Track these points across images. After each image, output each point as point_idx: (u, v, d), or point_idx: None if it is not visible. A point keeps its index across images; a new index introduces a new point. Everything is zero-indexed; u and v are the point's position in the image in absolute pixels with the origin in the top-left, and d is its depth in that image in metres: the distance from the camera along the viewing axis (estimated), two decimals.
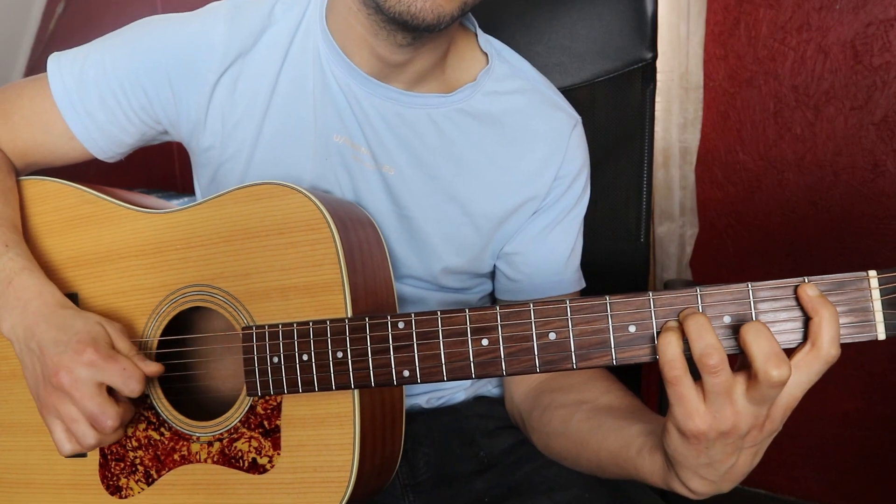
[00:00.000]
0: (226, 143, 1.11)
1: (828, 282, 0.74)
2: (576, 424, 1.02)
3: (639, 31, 1.39)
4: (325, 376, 0.90)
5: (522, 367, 0.80)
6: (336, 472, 0.93)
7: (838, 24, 1.89)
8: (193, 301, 1.02)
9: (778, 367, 0.70)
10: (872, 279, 0.73)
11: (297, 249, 0.96)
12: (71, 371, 0.93)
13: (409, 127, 1.09)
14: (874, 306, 0.72)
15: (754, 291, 0.74)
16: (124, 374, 0.94)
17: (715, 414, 0.74)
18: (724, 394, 0.73)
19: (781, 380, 0.70)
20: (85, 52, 1.12)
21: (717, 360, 0.71)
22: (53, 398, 0.96)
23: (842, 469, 2.14)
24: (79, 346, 0.94)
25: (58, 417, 0.97)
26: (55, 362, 0.94)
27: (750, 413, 0.74)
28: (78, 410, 0.95)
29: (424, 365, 0.84)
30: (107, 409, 0.95)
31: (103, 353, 0.94)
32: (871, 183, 1.92)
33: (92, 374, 0.94)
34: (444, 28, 0.98)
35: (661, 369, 0.74)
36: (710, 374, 0.72)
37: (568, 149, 1.14)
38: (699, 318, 0.73)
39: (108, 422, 0.95)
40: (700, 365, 0.72)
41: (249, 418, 0.98)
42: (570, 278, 1.18)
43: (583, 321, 0.78)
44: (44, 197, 1.13)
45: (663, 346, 0.74)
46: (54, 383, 0.94)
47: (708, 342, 0.72)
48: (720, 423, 0.74)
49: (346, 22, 1.04)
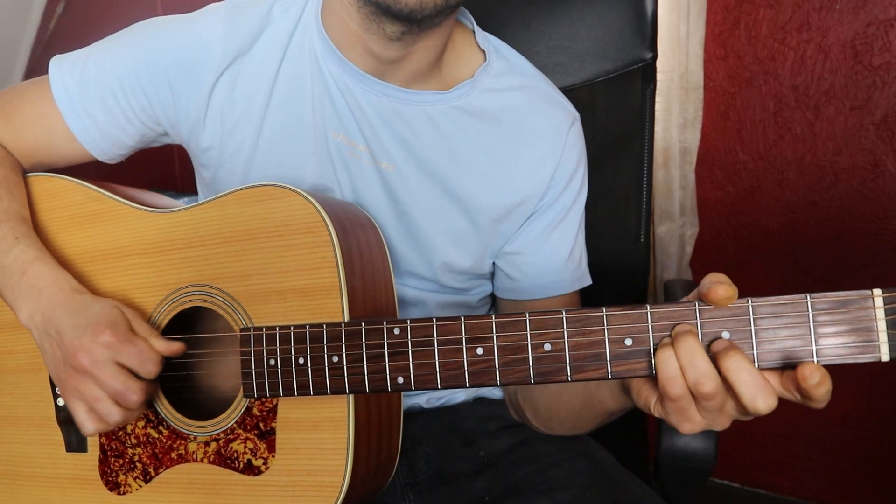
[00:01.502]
0: (225, 144, 1.11)
1: (831, 300, 0.72)
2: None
3: (639, 31, 1.39)
4: (321, 380, 0.90)
5: (517, 378, 0.80)
6: (329, 476, 0.93)
7: (838, 24, 1.89)
8: (193, 301, 1.03)
9: (766, 400, 0.71)
10: (877, 298, 0.71)
11: (295, 252, 0.96)
12: (91, 352, 0.95)
13: (406, 124, 1.09)
14: (878, 326, 0.71)
15: (754, 308, 0.74)
16: (141, 357, 0.96)
17: (708, 420, 0.76)
18: (717, 410, 0.75)
19: (769, 409, 0.72)
20: (86, 55, 1.13)
21: (712, 388, 0.72)
22: (75, 379, 0.98)
23: (842, 469, 2.14)
24: (97, 329, 0.96)
25: (80, 399, 0.98)
26: (74, 345, 0.96)
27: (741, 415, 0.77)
28: (101, 389, 0.97)
29: (419, 372, 0.84)
30: (130, 384, 0.96)
31: (121, 336, 0.96)
32: (871, 183, 1.92)
33: (110, 354, 0.95)
34: (429, 17, 0.96)
35: (660, 386, 0.75)
36: (704, 400, 0.74)
37: (565, 146, 1.14)
38: (689, 342, 0.73)
39: (133, 396, 0.97)
40: (695, 392, 0.73)
41: (245, 419, 0.98)
42: (569, 278, 1.18)
43: (578, 333, 0.78)
44: (52, 194, 1.14)
45: (663, 363, 0.74)
46: (75, 365, 0.96)
47: (701, 370, 0.72)
48: (713, 425, 0.77)
49: (340, 19, 1.05)
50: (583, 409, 1.02)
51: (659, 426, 1.15)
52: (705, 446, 1.13)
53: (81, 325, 0.97)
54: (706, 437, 1.13)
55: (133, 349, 0.96)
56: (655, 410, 0.81)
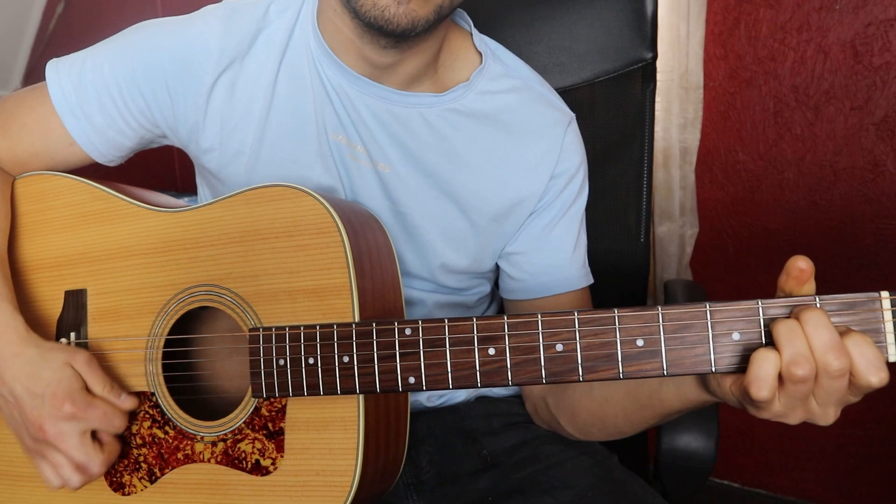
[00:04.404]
0: (226, 146, 1.11)
1: (839, 301, 0.73)
2: (599, 382, 1.03)
3: (639, 31, 1.39)
4: (331, 380, 0.90)
5: (529, 378, 0.80)
6: (339, 476, 0.93)
7: (838, 24, 1.89)
8: (201, 301, 1.02)
9: (838, 358, 0.71)
10: (885, 300, 0.72)
11: (306, 252, 0.96)
12: (54, 424, 0.97)
13: (402, 125, 1.09)
14: (886, 328, 0.72)
15: (764, 308, 0.74)
16: (105, 419, 0.99)
17: (787, 411, 0.76)
18: (800, 399, 0.75)
19: (843, 370, 0.71)
20: (83, 57, 1.12)
21: (843, 364, 0.71)
22: (39, 444, 0.99)
23: (842, 469, 2.15)
24: (55, 401, 0.97)
25: (43, 461, 1.00)
26: (35, 416, 0.98)
27: (819, 411, 0.76)
28: (64, 458, 0.98)
29: (430, 372, 0.85)
30: (93, 457, 0.99)
31: (80, 404, 0.98)
32: (871, 183, 1.93)
33: (74, 425, 0.98)
34: (422, 33, 0.98)
35: (747, 384, 0.74)
36: (831, 380, 0.73)
37: (563, 147, 1.14)
38: (816, 315, 0.72)
39: (94, 469, 1.00)
40: (823, 369, 0.72)
41: (254, 420, 0.98)
42: (574, 275, 1.17)
43: (590, 333, 0.78)
44: (57, 192, 1.13)
45: (759, 362, 0.73)
46: (39, 437, 0.98)
47: (830, 343, 0.72)
48: (790, 417, 0.76)
49: (333, 24, 1.05)
50: (636, 410, 1.00)
51: (659, 426, 1.15)
52: (705, 446, 1.13)
53: (37, 393, 0.98)
54: (706, 437, 1.13)
55: (97, 413, 0.98)
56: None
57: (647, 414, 0.99)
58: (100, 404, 0.99)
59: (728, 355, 0.75)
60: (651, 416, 0.99)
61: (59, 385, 0.98)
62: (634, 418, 1.02)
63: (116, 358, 1.07)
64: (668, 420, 1.02)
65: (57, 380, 0.98)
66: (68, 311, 1.11)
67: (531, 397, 1.22)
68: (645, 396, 0.97)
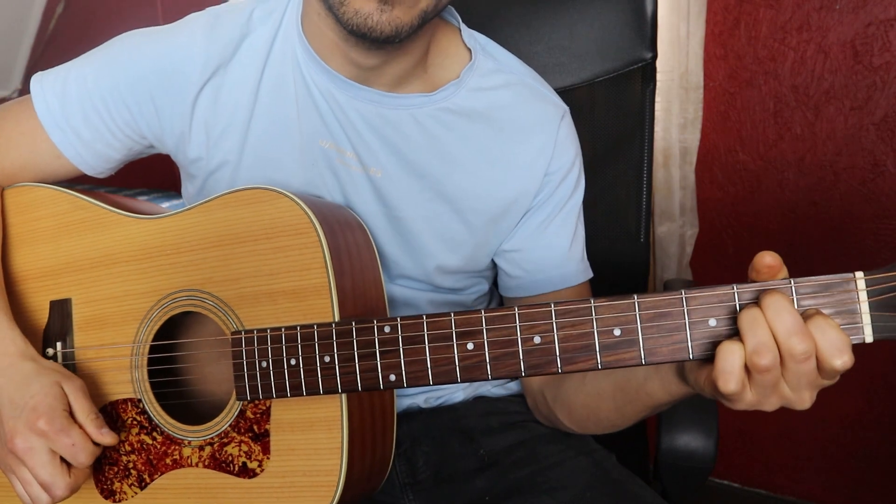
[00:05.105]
0: (212, 154, 1.11)
1: (814, 283, 0.73)
2: (591, 377, 1.04)
3: (638, 31, 1.39)
4: (313, 380, 0.90)
5: (508, 371, 0.80)
6: (324, 476, 0.93)
7: (838, 24, 1.89)
8: (184, 306, 1.02)
9: (802, 342, 0.70)
10: (860, 280, 0.72)
11: (284, 254, 0.96)
12: (25, 439, 0.96)
13: (393, 128, 1.08)
14: (861, 308, 0.72)
15: (739, 294, 0.74)
16: (73, 450, 0.97)
17: (760, 399, 0.75)
18: (770, 386, 0.74)
19: (807, 353, 0.71)
20: (66, 70, 1.12)
21: (807, 347, 0.71)
22: (10, 459, 0.99)
23: (842, 469, 2.14)
24: (32, 415, 0.96)
25: (13, 474, 1.00)
26: (10, 427, 0.97)
27: (793, 396, 0.75)
28: (31, 475, 0.98)
29: (410, 369, 0.84)
30: (57, 479, 0.97)
31: (55, 426, 0.97)
32: (871, 183, 1.92)
33: (44, 443, 0.97)
34: (406, 38, 0.97)
35: (715, 377, 0.73)
36: (796, 364, 0.72)
37: (557, 141, 1.13)
38: (778, 300, 0.72)
39: (59, 491, 0.98)
40: (787, 354, 0.72)
41: (239, 422, 0.98)
42: (573, 270, 1.17)
43: (568, 325, 0.78)
44: (38, 203, 1.13)
45: (724, 355, 0.73)
46: (10, 447, 0.97)
47: (792, 327, 0.72)
48: (765, 405, 0.76)
49: (318, 28, 1.04)
50: (626, 404, 1.00)
51: (658, 426, 1.14)
52: (705, 446, 1.13)
53: (18, 404, 0.98)
54: (706, 437, 1.12)
55: (66, 441, 0.97)
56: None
57: (637, 407, 0.99)
58: (74, 434, 0.98)
59: (705, 342, 0.75)
60: (641, 409, 0.99)
61: (42, 399, 0.97)
62: (626, 412, 1.02)
63: (103, 366, 1.07)
64: (661, 411, 1.02)
65: (42, 395, 0.98)
66: (54, 320, 1.11)
67: (531, 392, 1.21)
68: (633, 390, 0.97)
